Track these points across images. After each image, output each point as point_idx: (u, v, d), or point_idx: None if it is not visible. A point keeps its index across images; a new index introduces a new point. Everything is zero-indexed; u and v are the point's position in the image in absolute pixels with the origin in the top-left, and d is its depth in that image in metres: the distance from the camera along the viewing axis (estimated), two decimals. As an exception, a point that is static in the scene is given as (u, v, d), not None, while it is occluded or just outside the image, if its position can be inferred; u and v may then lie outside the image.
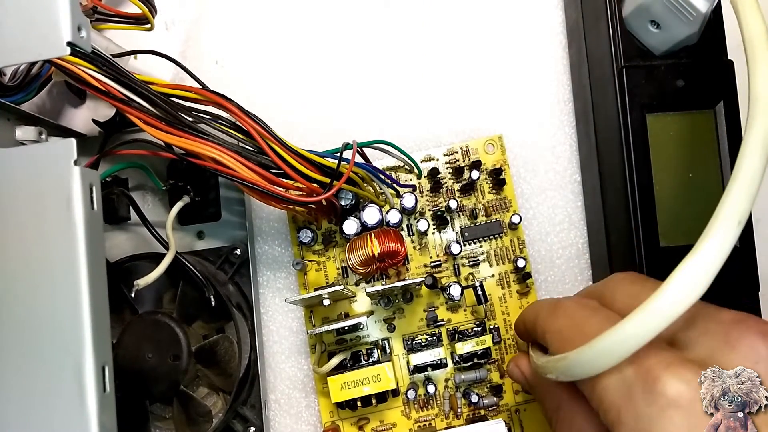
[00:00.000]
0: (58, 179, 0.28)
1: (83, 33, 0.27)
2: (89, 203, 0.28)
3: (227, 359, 0.39)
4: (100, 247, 0.29)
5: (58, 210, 0.27)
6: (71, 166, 0.28)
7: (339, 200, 0.40)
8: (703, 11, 0.34)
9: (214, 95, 0.33)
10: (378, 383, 0.38)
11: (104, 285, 0.28)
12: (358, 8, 0.45)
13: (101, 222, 0.29)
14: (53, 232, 0.27)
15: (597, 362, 0.23)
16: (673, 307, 0.22)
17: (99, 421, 0.26)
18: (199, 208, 0.42)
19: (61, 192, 0.27)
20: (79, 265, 0.27)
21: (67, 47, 0.27)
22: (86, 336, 0.27)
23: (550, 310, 0.29)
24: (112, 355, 0.28)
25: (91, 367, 0.26)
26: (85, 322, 0.27)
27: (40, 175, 0.28)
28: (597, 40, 0.39)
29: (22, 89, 0.37)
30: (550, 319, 0.29)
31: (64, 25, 0.27)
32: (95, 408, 0.26)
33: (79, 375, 0.26)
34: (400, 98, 0.44)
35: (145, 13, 0.38)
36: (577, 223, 0.43)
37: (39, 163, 0.28)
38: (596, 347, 0.23)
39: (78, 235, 0.27)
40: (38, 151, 0.29)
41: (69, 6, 0.27)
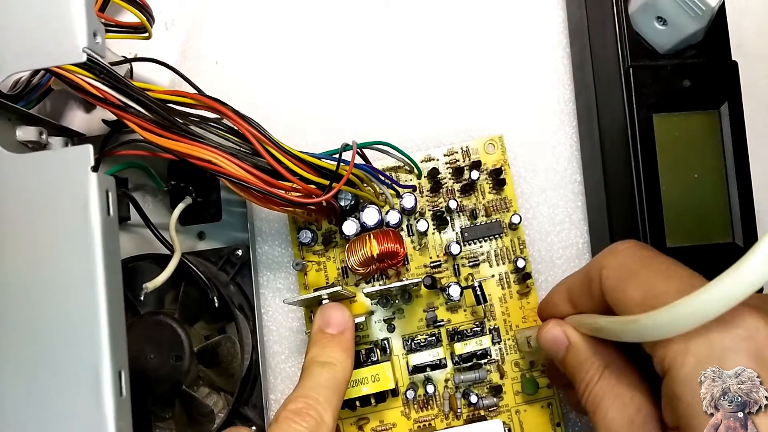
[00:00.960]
0: (75, 185, 0.28)
1: (98, 39, 0.27)
2: (106, 209, 0.28)
3: (229, 360, 0.39)
4: (116, 253, 0.29)
5: (75, 216, 0.27)
6: (88, 172, 0.28)
7: (338, 201, 0.40)
8: (713, 5, 0.34)
9: (210, 100, 0.34)
10: (377, 383, 0.38)
11: (120, 291, 0.29)
12: (358, 8, 0.45)
13: (117, 228, 0.29)
14: (70, 238, 0.27)
15: (678, 324, 0.24)
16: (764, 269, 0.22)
17: (116, 426, 0.26)
18: (200, 209, 0.42)
19: (78, 198, 0.27)
20: (96, 271, 0.27)
21: (83, 53, 0.27)
22: (103, 341, 0.27)
23: (609, 249, 0.30)
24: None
25: (108, 372, 0.27)
26: (102, 327, 0.27)
27: (57, 181, 0.28)
28: (602, 39, 0.39)
29: (21, 98, 0.38)
30: (609, 257, 0.30)
31: (80, 31, 0.27)
32: (112, 413, 0.26)
33: (96, 380, 0.26)
34: (400, 98, 0.44)
35: (144, 22, 0.38)
36: (577, 223, 0.43)
37: (56, 169, 0.28)
38: (679, 309, 0.24)
39: (95, 241, 0.27)
40: (55, 156, 0.29)
41: (85, 12, 0.27)
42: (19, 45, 0.27)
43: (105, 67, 0.30)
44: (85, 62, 0.27)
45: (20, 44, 0.27)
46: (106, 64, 0.30)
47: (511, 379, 0.41)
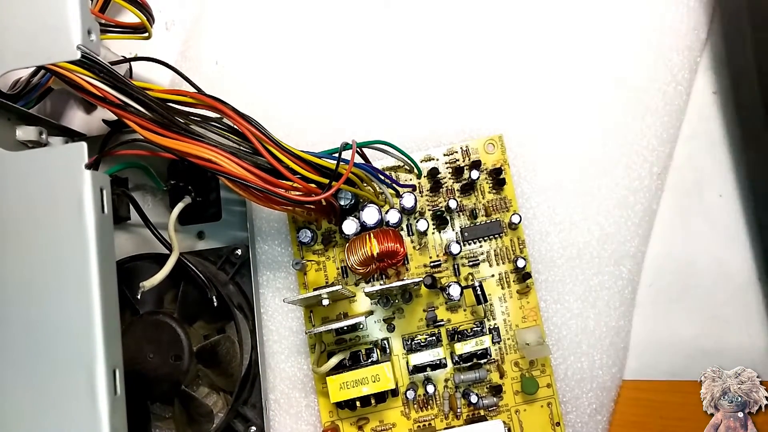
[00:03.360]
0: (70, 183, 0.28)
1: (93, 36, 0.27)
2: (100, 207, 0.28)
3: (228, 359, 0.39)
4: (110, 251, 0.29)
5: (70, 214, 0.27)
6: (82, 170, 0.28)
7: (338, 200, 0.40)
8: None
9: (210, 99, 0.34)
10: (377, 383, 0.38)
11: (115, 289, 0.29)
12: (358, 8, 0.45)
13: (112, 225, 0.29)
14: (64, 236, 0.27)
15: None
16: None
17: (110, 424, 0.26)
18: (200, 209, 0.42)
19: (73, 195, 0.27)
20: (91, 269, 0.27)
21: (78, 51, 0.27)
22: (97, 339, 0.27)
23: None
24: (114, 356, 0.28)
25: (103, 371, 0.27)
26: (96, 325, 0.27)
27: (52, 178, 0.28)
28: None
29: (21, 98, 0.38)
30: None
31: (74, 29, 0.27)
32: (107, 411, 0.26)
33: (91, 378, 0.26)
34: (400, 98, 0.44)
35: (144, 22, 0.39)
36: (578, 223, 0.43)
37: (50, 167, 0.28)
38: None
39: (89, 239, 0.27)
40: (49, 154, 0.29)
41: (79, 9, 0.27)
42: (14, 43, 0.27)
43: (105, 66, 0.30)
44: (80, 60, 0.27)
45: (15, 42, 0.27)
46: (105, 63, 0.30)
47: (511, 379, 0.41)
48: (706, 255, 0.43)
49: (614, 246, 0.42)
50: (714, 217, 0.43)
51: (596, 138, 0.43)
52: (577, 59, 0.44)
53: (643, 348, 0.42)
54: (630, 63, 0.43)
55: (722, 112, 0.44)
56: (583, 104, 0.44)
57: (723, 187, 0.43)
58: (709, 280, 0.42)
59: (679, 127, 0.43)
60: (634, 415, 0.41)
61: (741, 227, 0.43)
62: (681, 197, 0.43)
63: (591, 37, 0.44)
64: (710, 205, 0.43)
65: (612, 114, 0.43)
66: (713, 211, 0.43)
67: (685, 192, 0.43)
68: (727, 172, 0.43)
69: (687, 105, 0.44)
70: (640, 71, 0.43)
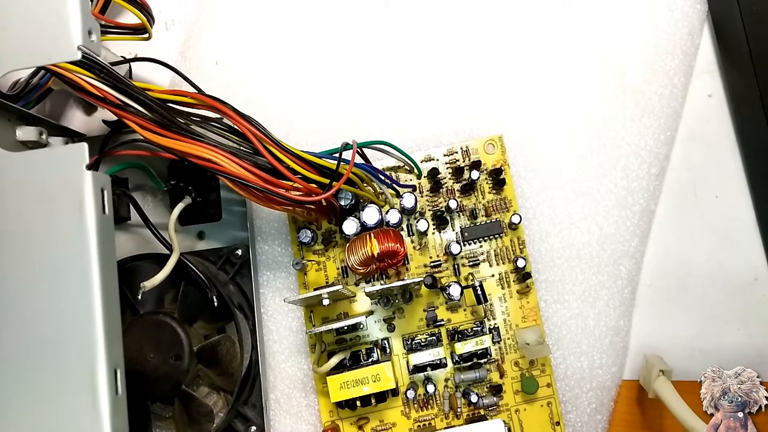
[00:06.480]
0: (70, 183, 0.28)
1: (93, 37, 0.27)
2: (101, 207, 0.28)
3: (229, 359, 0.39)
4: (111, 251, 0.29)
5: (70, 214, 0.27)
6: (83, 171, 0.28)
7: (338, 200, 0.40)
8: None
9: (210, 99, 0.34)
10: (377, 383, 0.38)
11: (116, 289, 0.29)
12: (358, 8, 0.45)
13: (112, 226, 0.29)
14: (65, 236, 0.27)
15: None
16: None
17: (112, 424, 0.26)
18: (200, 209, 0.42)
19: (73, 196, 0.27)
20: (91, 269, 0.27)
21: (78, 51, 0.27)
22: (99, 339, 0.27)
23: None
24: (114, 356, 0.28)
25: (104, 370, 0.27)
26: (97, 325, 0.27)
27: (53, 178, 0.28)
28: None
29: (21, 99, 0.38)
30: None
31: (74, 29, 0.27)
32: (108, 411, 0.26)
33: (92, 378, 0.27)
34: (401, 98, 0.44)
35: (144, 23, 0.39)
36: (577, 223, 0.43)
37: (51, 167, 0.28)
38: None
39: (90, 239, 0.27)
40: (50, 155, 0.29)
41: (80, 10, 0.27)
42: (14, 43, 0.27)
43: (105, 67, 0.30)
44: (80, 60, 0.27)
45: (15, 43, 0.27)
46: (105, 64, 0.30)
47: (511, 379, 0.41)
48: (703, 255, 0.43)
49: (613, 246, 0.42)
50: (710, 217, 0.43)
51: (595, 139, 0.43)
52: (577, 62, 0.44)
53: (642, 348, 0.42)
54: (628, 66, 0.44)
55: (717, 114, 0.44)
56: (582, 106, 0.44)
57: (718, 188, 0.43)
58: (707, 279, 0.42)
59: (676, 129, 0.44)
60: (634, 415, 0.42)
61: (737, 227, 0.43)
62: (678, 198, 0.44)
63: (590, 41, 0.44)
64: (707, 206, 0.43)
65: (610, 116, 0.43)
66: (710, 212, 0.43)
67: (682, 192, 0.44)
68: (722, 174, 0.44)
69: (683, 108, 0.44)
70: (638, 74, 0.43)
